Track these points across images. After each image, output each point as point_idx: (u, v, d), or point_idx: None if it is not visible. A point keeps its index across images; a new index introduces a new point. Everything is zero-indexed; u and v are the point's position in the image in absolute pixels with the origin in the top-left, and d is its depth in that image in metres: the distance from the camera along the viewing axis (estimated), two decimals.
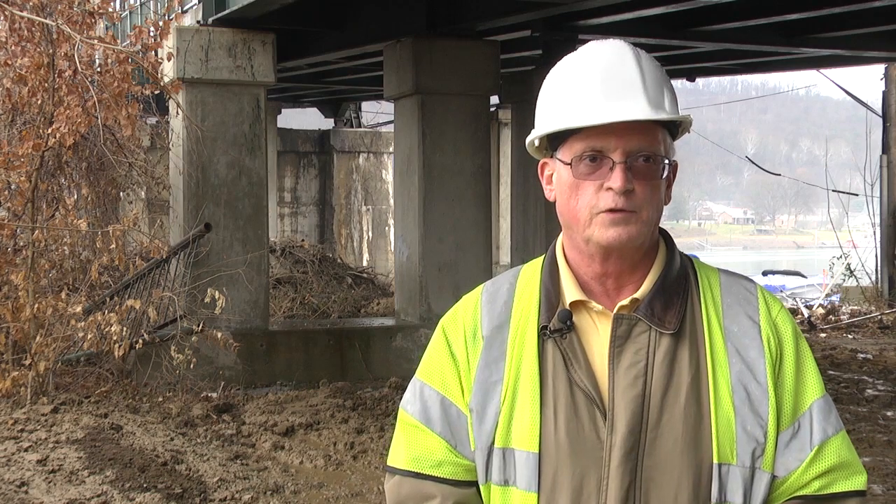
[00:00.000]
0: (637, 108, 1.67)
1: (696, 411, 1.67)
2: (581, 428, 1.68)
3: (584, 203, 1.69)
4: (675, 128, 1.76)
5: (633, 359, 1.69)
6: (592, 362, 1.71)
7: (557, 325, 1.72)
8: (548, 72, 1.83)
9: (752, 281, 1.82)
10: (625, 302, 1.72)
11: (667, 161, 1.71)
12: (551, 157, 1.77)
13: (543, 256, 1.84)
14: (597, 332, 1.73)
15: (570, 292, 1.75)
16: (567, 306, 1.74)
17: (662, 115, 1.68)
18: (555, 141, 1.74)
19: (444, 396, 1.79)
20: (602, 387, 1.69)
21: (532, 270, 1.84)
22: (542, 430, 1.69)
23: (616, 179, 1.66)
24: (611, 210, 1.66)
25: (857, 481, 1.73)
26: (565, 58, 1.78)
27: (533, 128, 1.82)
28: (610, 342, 1.71)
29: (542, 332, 1.74)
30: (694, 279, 1.78)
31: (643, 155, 1.68)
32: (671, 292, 1.73)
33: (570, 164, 1.71)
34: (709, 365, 1.69)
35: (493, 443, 1.73)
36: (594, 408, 1.68)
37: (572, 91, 1.71)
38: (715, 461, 1.66)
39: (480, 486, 1.76)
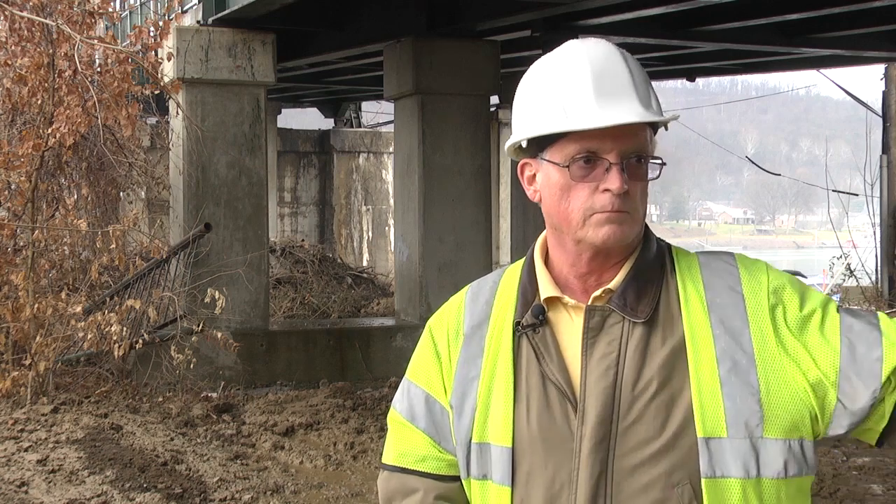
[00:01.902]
0: (633, 109, 1.67)
1: (668, 396, 1.66)
2: (553, 421, 1.69)
3: (578, 205, 1.68)
4: (655, 126, 1.75)
5: (606, 350, 1.69)
6: (566, 356, 1.72)
7: (530, 321, 1.74)
8: None
9: (730, 254, 1.81)
10: (598, 293, 1.73)
11: (657, 160, 1.71)
12: (534, 157, 1.75)
13: (525, 257, 1.86)
14: (572, 326, 1.74)
15: (545, 289, 1.76)
16: (542, 302, 1.75)
17: (657, 117, 1.69)
18: (542, 142, 1.72)
19: (428, 394, 1.83)
20: (574, 380, 1.70)
21: (514, 270, 1.86)
22: (514, 424, 1.71)
23: (614, 181, 1.65)
24: (607, 211, 1.67)
25: None
26: (545, 57, 1.76)
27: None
28: (582, 334, 1.71)
29: (516, 328, 1.75)
30: (671, 264, 1.78)
31: (635, 155, 1.68)
32: (645, 281, 1.73)
33: (563, 165, 1.69)
34: (688, 345, 1.68)
35: (470, 438, 1.75)
36: (566, 401, 1.69)
37: (563, 91, 1.69)
38: (700, 435, 1.63)
39: (463, 481, 1.79)
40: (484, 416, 1.74)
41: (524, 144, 1.75)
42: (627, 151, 1.67)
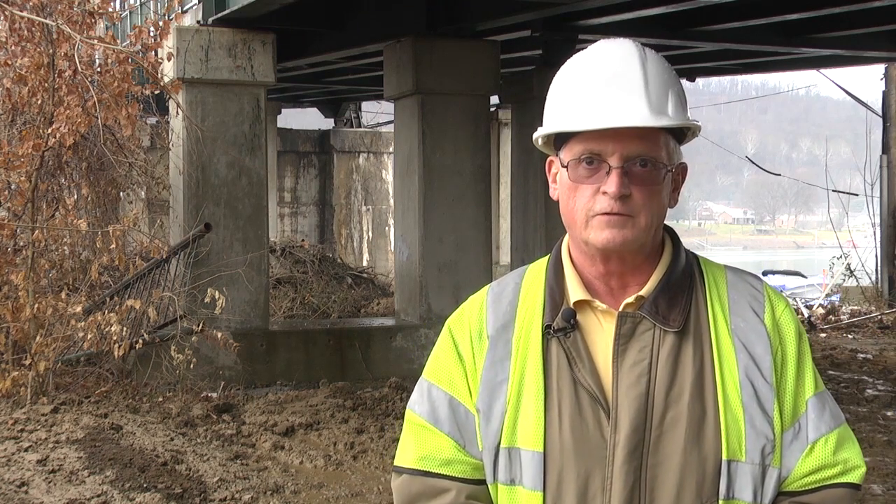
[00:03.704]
0: (636, 113, 1.66)
1: (700, 409, 1.67)
2: (585, 427, 1.69)
3: (581, 205, 1.69)
4: (682, 132, 1.75)
5: (637, 357, 1.69)
6: (596, 361, 1.71)
7: (561, 324, 1.72)
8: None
9: (758, 278, 1.82)
10: (630, 300, 1.72)
11: (668, 167, 1.71)
12: (557, 155, 1.77)
13: (549, 256, 1.84)
14: (602, 331, 1.73)
15: (575, 291, 1.75)
16: (571, 305, 1.74)
17: (660, 122, 1.67)
18: (558, 141, 1.75)
19: (452, 397, 1.79)
20: (606, 385, 1.70)
21: (537, 270, 1.84)
22: (546, 429, 1.70)
23: (611, 184, 1.66)
24: (606, 213, 1.67)
25: (851, 475, 1.74)
26: (575, 56, 1.78)
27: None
28: (614, 340, 1.71)
29: (546, 331, 1.74)
30: (699, 277, 1.78)
31: (641, 160, 1.67)
32: (676, 290, 1.74)
33: (563, 166, 1.72)
34: (715, 362, 1.70)
35: (499, 442, 1.73)
36: (598, 407, 1.69)
37: (575, 92, 1.71)
38: (724, 457, 1.66)
39: (489, 486, 1.76)
40: (513, 420, 1.72)
41: (540, 142, 1.78)
42: (631, 155, 1.67)
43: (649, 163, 1.68)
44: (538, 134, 1.77)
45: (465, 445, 1.77)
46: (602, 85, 1.68)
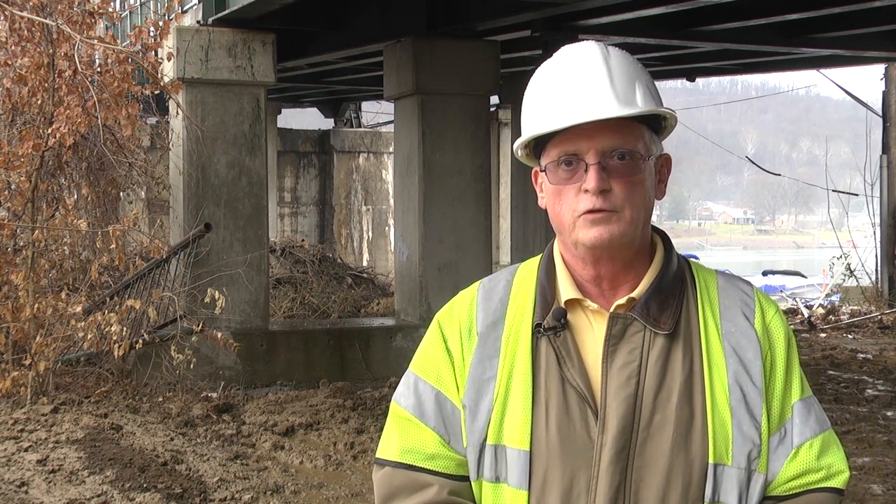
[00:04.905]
0: (603, 106, 1.66)
1: (688, 412, 1.67)
2: (572, 427, 1.68)
3: (567, 207, 1.70)
4: (660, 123, 1.75)
5: (627, 358, 1.69)
6: (586, 361, 1.71)
7: (552, 323, 1.72)
8: None
9: (749, 284, 1.82)
10: (621, 301, 1.72)
11: (646, 157, 1.71)
12: (538, 164, 1.78)
13: (541, 255, 1.84)
14: (592, 331, 1.73)
15: (566, 291, 1.75)
16: (562, 304, 1.74)
17: (628, 111, 1.67)
18: (537, 149, 1.76)
19: (438, 391, 1.79)
20: (595, 386, 1.69)
21: (529, 268, 1.84)
22: (533, 428, 1.70)
23: (590, 180, 1.66)
24: (590, 211, 1.67)
25: (835, 480, 1.74)
26: (541, 66, 1.79)
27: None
28: (604, 341, 1.70)
29: (537, 330, 1.74)
30: (691, 281, 1.78)
31: (618, 153, 1.68)
32: (667, 293, 1.73)
33: (542, 170, 1.74)
34: (704, 366, 1.70)
35: (485, 439, 1.73)
36: (586, 407, 1.68)
37: (542, 98, 1.73)
38: (710, 461, 1.66)
39: (472, 482, 1.76)
40: (500, 417, 1.72)
41: (520, 154, 1.79)
42: (607, 150, 1.67)
43: (626, 155, 1.68)
44: (517, 145, 1.77)
45: (450, 441, 1.76)
46: (566, 86, 1.69)
